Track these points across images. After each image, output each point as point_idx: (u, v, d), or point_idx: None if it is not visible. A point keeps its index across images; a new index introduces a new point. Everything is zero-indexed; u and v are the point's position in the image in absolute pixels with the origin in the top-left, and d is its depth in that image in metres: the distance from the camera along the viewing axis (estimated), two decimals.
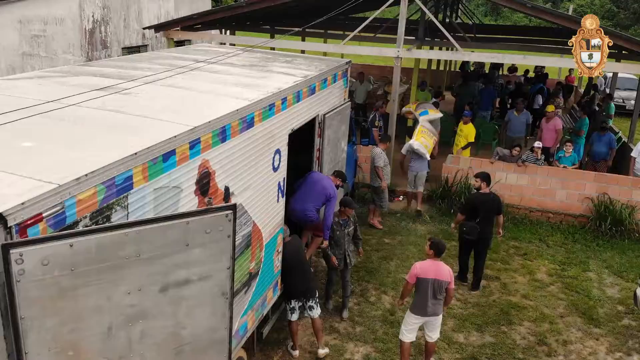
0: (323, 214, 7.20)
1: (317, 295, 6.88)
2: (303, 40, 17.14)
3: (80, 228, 3.16)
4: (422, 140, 10.75)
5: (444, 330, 7.64)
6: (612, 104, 15.51)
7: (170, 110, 4.60)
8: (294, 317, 6.73)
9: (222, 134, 4.54)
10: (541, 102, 16.58)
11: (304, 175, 7.18)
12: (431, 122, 11.32)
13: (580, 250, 10.25)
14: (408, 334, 6.56)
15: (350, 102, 8.21)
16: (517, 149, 11.46)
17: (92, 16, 13.92)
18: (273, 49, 11.22)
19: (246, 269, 5.50)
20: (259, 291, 5.97)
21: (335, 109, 7.58)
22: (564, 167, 11.15)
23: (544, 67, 20.79)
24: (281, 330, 7.52)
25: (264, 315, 6.27)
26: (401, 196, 12.10)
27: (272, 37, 18.02)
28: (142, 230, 3.24)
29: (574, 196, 11.05)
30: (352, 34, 11.70)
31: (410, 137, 11.11)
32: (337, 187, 7.36)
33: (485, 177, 8.57)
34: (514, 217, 11.26)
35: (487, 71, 21.32)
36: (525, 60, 12.08)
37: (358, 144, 10.41)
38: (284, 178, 6.16)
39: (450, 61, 24.30)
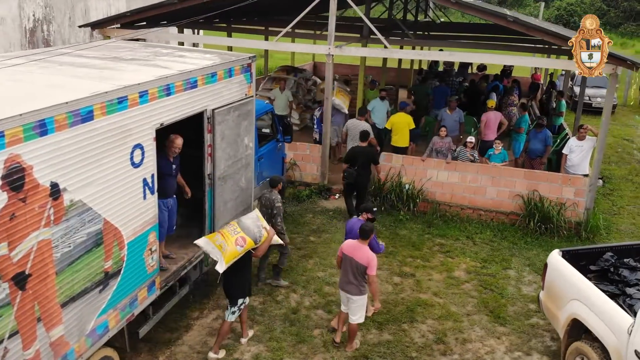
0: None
1: (237, 304, 6.87)
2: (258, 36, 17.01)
3: None
4: (341, 97, 12.82)
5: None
6: (563, 101, 15.41)
7: None
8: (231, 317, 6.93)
9: (41, 128, 4.42)
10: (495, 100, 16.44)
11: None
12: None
13: (506, 248, 10.13)
14: (342, 304, 7.18)
15: (253, 98, 8.07)
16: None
17: (33, 15, 13.81)
18: (230, 48, 11.13)
19: (98, 267, 5.37)
20: (125, 291, 5.84)
21: (232, 104, 7.44)
22: (494, 164, 11.03)
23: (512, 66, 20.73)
24: (174, 330, 7.42)
25: (135, 314, 6.12)
26: (337, 194, 11.99)
27: (229, 35, 17.94)
28: None
29: (504, 193, 10.93)
30: (284, 31, 11.59)
31: None
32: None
33: (363, 135, 10.38)
34: (444, 215, 11.15)
35: (442, 70, 21.25)
36: (465, 58, 11.99)
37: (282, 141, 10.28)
38: (153, 174, 6.03)
39: (421, 60, 24.20)
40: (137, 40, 15.42)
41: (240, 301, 6.87)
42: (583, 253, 7.32)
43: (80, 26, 12.25)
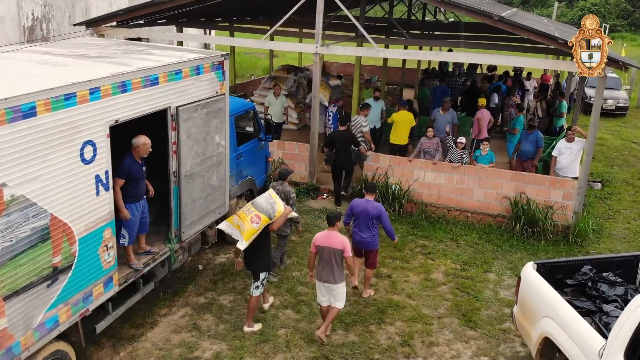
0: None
1: (259, 279, 7.32)
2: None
3: None
4: (322, 91, 12.98)
5: (309, 328, 7.50)
6: (564, 102, 15.09)
7: None
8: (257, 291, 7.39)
9: None
10: (497, 101, 16.22)
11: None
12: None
13: (490, 251, 9.96)
14: (320, 296, 7.25)
15: (225, 96, 8.05)
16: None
17: (32, 14, 14.03)
18: (233, 48, 11.12)
19: (45, 262, 5.41)
20: (77, 286, 5.86)
21: (199, 102, 7.45)
22: (481, 166, 10.84)
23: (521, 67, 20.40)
24: (140, 327, 7.45)
25: (90, 310, 6.15)
26: (325, 194, 11.94)
27: (231, 34, 18.01)
28: None
29: (491, 195, 10.75)
30: (272, 29, 11.58)
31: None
32: None
33: (342, 120, 11.47)
34: (431, 216, 11.01)
35: (450, 70, 21.01)
36: (458, 58, 11.84)
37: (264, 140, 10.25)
38: (107, 171, 6.05)
39: (430, 61, 23.96)
40: (140, 39, 15.62)
41: (262, 275, 7.32)
42: (559, 266, 6.92)
43: (75, 24, 12.39)
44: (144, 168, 6.96)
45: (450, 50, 17.11)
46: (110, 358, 6.84)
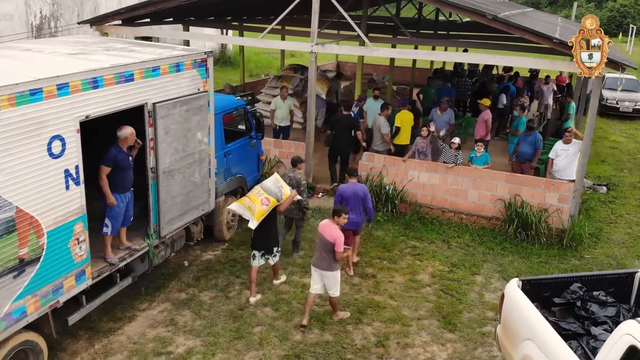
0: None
1: (273, 252, 8.13)
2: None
3: None
4: (319, 85, 13.90)
5: (284, 326, 7.50)
6: (572, 104, 14.76)
7: None
8: (254, 263, 8.02)
9: None
10: (505, 102, 15.98)
11: None
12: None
13: (481, 253, 9.81)
14: (313, 283, 7.57)
15: (207, 93, 8.09)
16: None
17: (40, 12, 14.32)
18: (242, 47, 11.26)
19: (11, 253, 5.52)
20: (46, 278, 5.96)
21: (179, 98, 7.51)
22: (475, 167, 10.68)
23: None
24: (118, 320, 7.54)
25: (61, 302, 6.25)
26: (320, 193, 11.92)
27: (241, 34, 18.13)
28: None
29: (485, 197, 10.59)
30: (269, 27, 11.62)
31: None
32: None
33: (348, 106, 12.05)
34: (424, 217, 10.89)
35: (464, 70, 20.73)
36: (458, 58, 11.70)
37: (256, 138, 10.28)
38: (77, 165, 6.14)
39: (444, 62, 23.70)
40: (149, 39, 15.80)
41: (275, 249, 8.09)
42: (547, 283, 6.47)
43: (79, 23, 12.60)
44: (130, 158, 7.07)
45: (446, 50, 16.84)
46: (84, 350, 6.93)
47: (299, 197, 8.53)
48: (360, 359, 7.02)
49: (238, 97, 11.95)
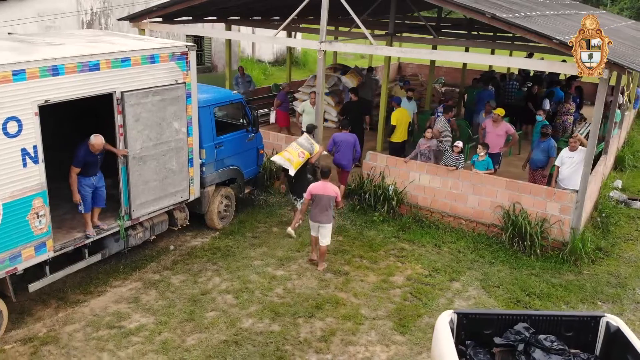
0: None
1: (302, 197, 9.40)
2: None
3: None
4: (349, 77, 15.21)
5: (237, 313, 7.69)
6: (619, 112, 13.69)
7: None
8: (298, 206, 9.74)
9: None
10: (547, 107, 15.16)
11: None
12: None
13: (470, 260, 9.46)
14: (313, 232, 9.01)
15: (184, 85, 8.44)
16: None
17: (91, 9, 15.46)
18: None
19: None
20: (2, 246, 6.56)
21: (152, 88, 7.91)
22: (476, 172, 10.28)
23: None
24: (89, 294, 8.08)
25: (19, 269, 6.84)
26: None
27: (289, 34, 18.46)
28: None
29: (485, 203, 10.18)
30: (283, 25, 11.85)
31: None
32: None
33: (354, 91, 13.25)
34: (423, 221, 10.65)
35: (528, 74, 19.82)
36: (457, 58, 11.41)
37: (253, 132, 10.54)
38: (35, 145, 6.68)
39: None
40: (200, 38, 16.47)
41: (304, 194, 9.04)
42: (488, 319, 5.65)
43: (118, 20, 13.49)
44: (99, 157, 7.67)
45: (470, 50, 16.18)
46: (49, 317, 7.52)
47: (324, 152, 10.43)
48: (299, 352, 7.07)
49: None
